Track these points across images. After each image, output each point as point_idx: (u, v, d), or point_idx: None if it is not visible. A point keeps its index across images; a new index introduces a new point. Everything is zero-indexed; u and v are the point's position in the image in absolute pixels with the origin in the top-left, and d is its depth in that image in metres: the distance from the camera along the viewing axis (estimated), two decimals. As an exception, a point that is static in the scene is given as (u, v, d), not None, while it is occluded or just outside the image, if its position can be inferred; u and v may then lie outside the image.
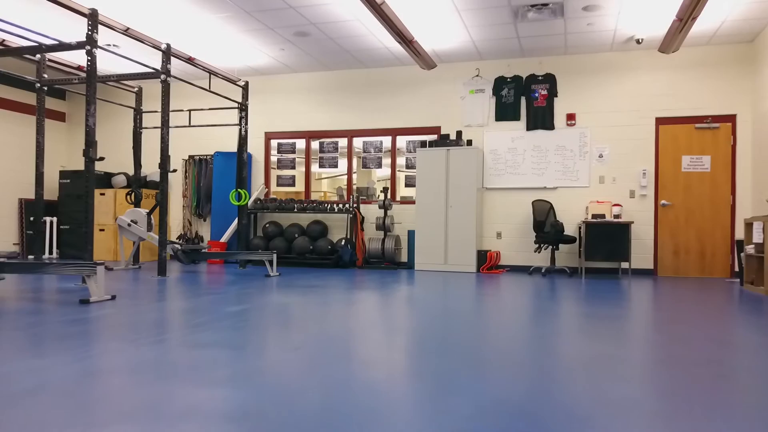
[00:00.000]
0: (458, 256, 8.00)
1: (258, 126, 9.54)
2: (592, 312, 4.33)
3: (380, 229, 8.54)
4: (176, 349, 2.86)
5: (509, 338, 3.28)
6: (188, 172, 9.77)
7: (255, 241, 8.94)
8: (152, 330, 3.37)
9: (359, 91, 9.08)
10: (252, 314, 4.00)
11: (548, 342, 3.19)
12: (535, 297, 5.24)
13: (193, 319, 3.75)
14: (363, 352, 2.87)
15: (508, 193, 8.39)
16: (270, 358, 2.71)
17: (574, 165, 8.13)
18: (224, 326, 3.52)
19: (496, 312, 4.24)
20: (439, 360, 2.73)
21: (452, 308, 4.44)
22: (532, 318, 4.03)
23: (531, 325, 3.75)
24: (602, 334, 3.45)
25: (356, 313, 4.16)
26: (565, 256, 8.15)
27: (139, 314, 3.94)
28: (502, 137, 8.42)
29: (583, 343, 3.15)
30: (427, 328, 3.59)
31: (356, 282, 6.40)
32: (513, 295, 5.30)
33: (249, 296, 4.98)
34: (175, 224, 9.92)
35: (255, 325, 3.57)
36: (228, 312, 4.07)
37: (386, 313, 4.15)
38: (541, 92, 8.27)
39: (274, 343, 3.05)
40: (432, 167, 8.16)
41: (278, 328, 3.51)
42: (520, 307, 4.52)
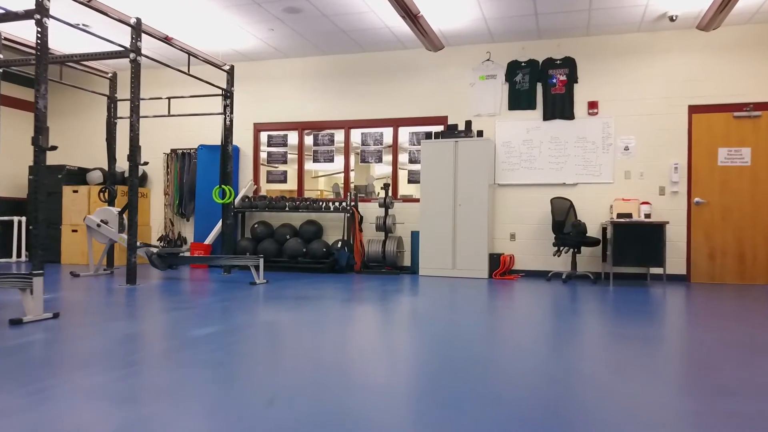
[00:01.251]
0: (468, 261, 7.17)
1: (246, 117, 8.69)
2: (632, 333, 3.50)
3: (380, 229, 7.71)
4: (73, 406, 2.03)
5: (536, 376, 2.45)
6: (170, 168, 8.92)
7: (242, 243, 8.10)
8: (70, 368, 2.53)
9: (357, 77, 8.24)
10: (220, 341, 3.16)
11: (587, 385, 2.36)
12: (559, 311, 4.41)
13: (137, 350, 2.92)
14: (357, 406, 2.03)
15: (522, 190, 7.56)
16: (224, 424, 1.88)
17: (597, 159, 7.30)
18: (175, 362, 2.69)
19: (517, 334, 3.42)
20: (453, 416, 1.89)
21: (464, 330, 3.60)
22: (561, 344, 3.19)
23: (562, 354, 2.91)
24: (652, 366, 2.62)
25: (352, 338, 3.32)
26: (586, 260, 7.32)
27: (71, 341, 3.10)
28: (516, 128, 7.59)
29: (628, 383, 2.32)
30: (438, 363, 2.76)
31: (354, 292, 5.56)
32: (533, 309, 4.48)
33: (224, 313, 4.14)
34: (156, 224, 9.07)
35: (218, 361, 2.73)
36: (190, 338, 3.24)
37: (388, 340, 3.32)
38: (560, 78, 7.44)
39: (238, 394, 2.21)
40: (438, 161, 7.32)
41: (249, 365, 2.67)
42: (545, 327, 3.69)
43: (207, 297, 4.96)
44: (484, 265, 7.12)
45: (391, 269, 7.64)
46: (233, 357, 2.76)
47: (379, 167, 11.93)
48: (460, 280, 6.82)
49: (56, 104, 9.67)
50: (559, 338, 3.34)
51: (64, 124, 9.62)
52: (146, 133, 9.12)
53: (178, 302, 4.62)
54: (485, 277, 7.11)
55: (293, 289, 5.63)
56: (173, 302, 4.61)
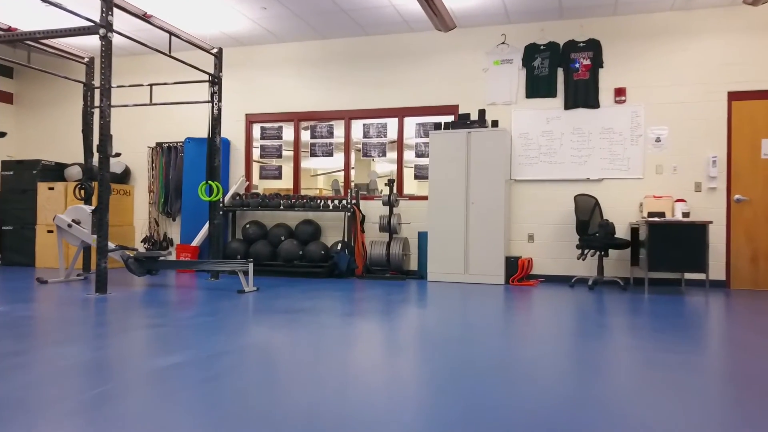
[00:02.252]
0: (482, 265, 6.45)
1: (237, 107, 7.97)
2: (689, 360, 2.78)
3: (384, 230, 6.99)
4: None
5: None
6: (155, 163, 8.20)
7: (232, 244, 7.38)
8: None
9: (359, 63, 7.52)
10: (184, 377, 2.44)
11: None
12: (596, 329, 3.69)
13: (65, 395, 2.20)
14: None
15: (541, 187, 6.84)
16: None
17: (624, 151, 6.58)
18: (115, 415, 1.97)
19: (546, 359, 2.71)
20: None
21: (486, 359, 2.89)
22: (613, 385, 2.48)
23: (615, 399, 2.20)
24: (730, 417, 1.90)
25: (354, 370, 2.60)
26: (613, 264, 6.60)
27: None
28: (534, 118, 6.87)
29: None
30: (459, 409, 2.04)
31: (355, 303, 4.85)
32: (561, 324, 3.76)
33: (200, 332, 3.42)
34: (140, 224, 8.34)
35: (170, 413, 2.01)
36: (148, 371, 2.52)
37: (396, 375, 2.60)
38: (583, 62, 6.72)
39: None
40: (448, 154, 6.60)
41: (216, 419, 1.95)
42: (580, 350, 2.98)
43: (184, 310, 4.24)
44: (500, 270, 6.41)
45: (396, 274, 6.92)
46: (195, 404, 2.04)
47: (382, 164, 11.21)
48: (473, 287, 6.10)
49: (30, 93, 8.94)
50: (609, 374, 2.62)
51: (40, 114, 8.90)
52: (129, 126, 8.41)
53: (149, 317, 3.90)
54: (501, 282, 6.40)
55: (286, 299, 4.91)
56: (142, 317, 3.90)
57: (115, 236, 7.95)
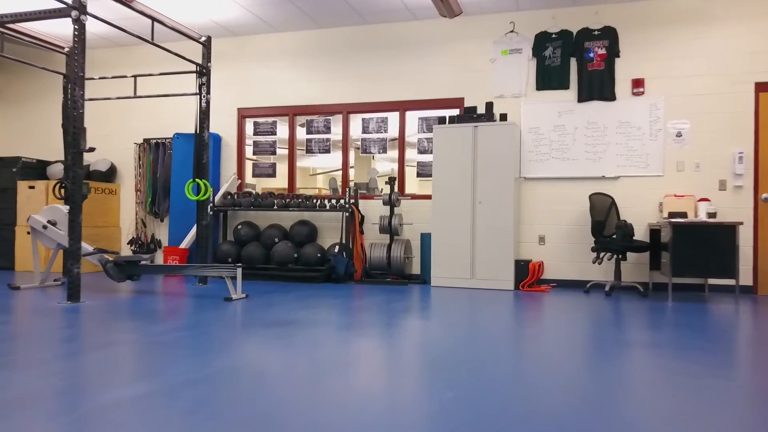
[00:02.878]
0: (490, 269, 6.00)
1: (229, 101, 7.52)
2: (741, 386, 2.34)
3: (385, 231, 6.54)
4: None
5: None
6: (142, 160, 7.75)
7: (223, 247, 6.93)
8: None
9: (358, 54, 7.07)
10: (142, 416, 1.99)
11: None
12: (619, 345, 3.23)
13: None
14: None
15: (553, 185, 6.39)
16: None
17: (643, 147, 6.13)
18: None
19: (570, 385, 2.26)
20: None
21: (498, 378, 2.44)
22: (641, 410, 2.03)
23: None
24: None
25: (351, 400, 2.16)
26: (630, 269, 6.15)
27: None
28: (545, 111, 6.42)
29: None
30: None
31: (353, 312, 4.40)
32: (582, 339, 3.31)
33: (174, 351, 2.98)
34: (126, 225, 7.89)
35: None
36: (100, 406, 2.07)
37: (400, 400, 2.15)
38: (598, 51, 6.26)
39: None
40: (453, 150, 6.15)
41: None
42: (609, 375, 2.53)
43: (161, 322, 3.79)
44: (509, 274, 5.96)
45: (397, 278, 6.47)
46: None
47: (383, 163, 10.76)
48: (480, 293, 5.65)
49: (9, 86, 8.49)
50: (644, 403, 2.17)
51: (20, 108, 8.44)
52: (115, 121, 7.96)
53: (119, 332, 3.45)
54: (510, 288, 5.94)
55: (277, 309, 4.45)
56: (112, 332, 3.45)
57: (100, 238, 7.51)
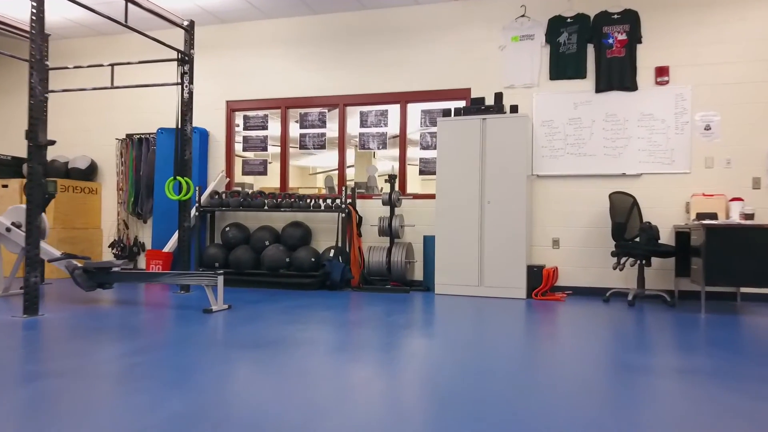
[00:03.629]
0: (499, 275, 5.47)
1: (217, 93, 6.99)
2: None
3: (384, 233, 6.01)
4: None
5: None
6: (125, 157, 7.22)
7: (210, 250, 6.40)
8: None
9: (356, 42, 6.53)
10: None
11: None
12: (661, 370, 2.69)
13: None
14: None
15: (568, 183, 5.85)
16: None
17: (667, 142, 5.59)
18: None
19: (606, 426, 1.73)
20: None
21: (518, 408, 1.90)
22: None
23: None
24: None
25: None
26: (653, 275, 5.61)
27: None
28: (560, 102, 5.88)
29: None
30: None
31: (348, 327, 3.86)
32: (613, 362, 2.77)
33: (122, 383, 2.44)
34: (108, 227, 7.37)
35: None
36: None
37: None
38: (618, 37, 5.72)
39: None
40: (459, 146, 5.62)
41: None
42: (647, 413, 1.99)
43: (119, 343, 3.25)
44: (520, 281, 5.42)
45: (398, 285, 5.93)
46: None
47: (383, 162, 10.23)
48: (489, 302, 5.12)
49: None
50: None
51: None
52: (96, 115, 7.44)
53: (63, 356, 2.92)
54: (522, 296, 5.41)
55: (261, 323, 3.92)
56: (55, 356, 2.92)
57: (79, 240, 6.99)
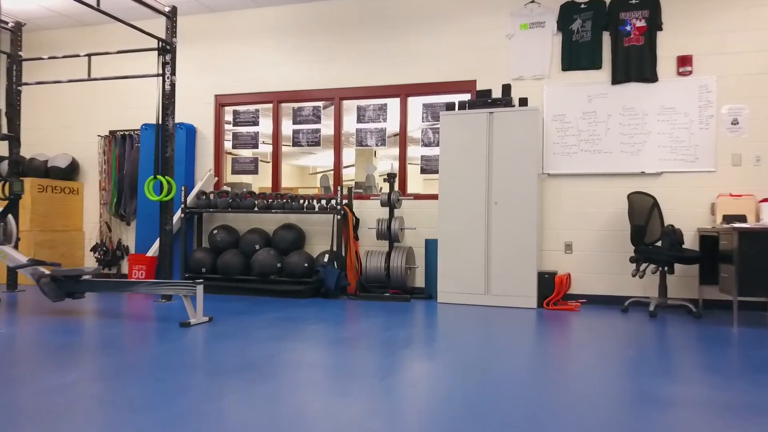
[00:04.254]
0: (508, 283, 5.02)
1: (205, 87, 6.56)
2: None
3: (383, 237, 5.58)
4: None
5: None
6: (108, 155, 6.80)
7: (197, 255, 5.97)
8: None
9: (352, 32, 6.09)
10: None
11: None
12: (699, 401, 2.25)
13: None
14: None
15: (582, 182, 5.40)
16: None
17: (691, 137, 5.14)
18: None
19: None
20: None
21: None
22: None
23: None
24: None
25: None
26: (675, 282, 5.16)
27: None
28: (573, 95, 5.43)
29: None
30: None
31: (341, 345, 3.42)
32: (637, 389, 2.33)
33: (60, 424, 2.01)
34: (90, 228, 6.94)
35: None
36: None
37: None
38: (636, 23, 5.27)
39: None
40: (464, 142, 5.18)
41: None
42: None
43: (69, 368, 2.82)
44: (530, 289, 4.98)
45: (397, 293, 5.50)
46: None
47: (385, 161, 9.79)
48: (497, 313, 4.68)
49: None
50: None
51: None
52: (77, 110, 7.01)
53: (3, 383, 2.49)
54: (533, 306, 4.97)
55: (243, 339, 3.48)
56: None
57: (59, 244, 6.57)
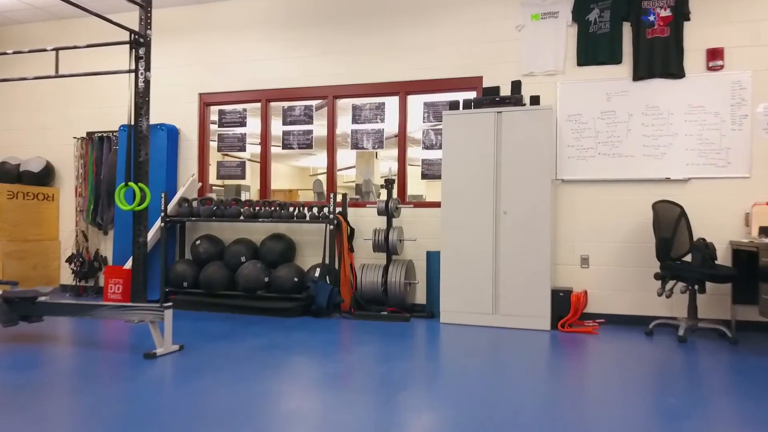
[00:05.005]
0: (518, 301, 4.51)
1: (189, 85, 6.06)
2: None
3: (381, 249, 5.07)
4: None
5: None
6: (85, 159, 6.31)
7: (178, 267, 5.48)
8: None
9: (347, 23, 5.58)
10: None
11: None
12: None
13: None
14: None
15: (600, 189, 4.88)
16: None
17: (722, 139, 4.62)
18: None
19: None
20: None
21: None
22: None
23: None
24: None
25: None
26: (704, 301, 4.64)
27: None
28: (589, 92, 4.91)
29: None
30: None
31: (329, 381, 2.91)
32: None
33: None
34: (66, 237, 6.46)
35: None
36: None
37: None
38: (660, 13, 4.75)
39: None
40: (470, 144, 4.66)
41: None
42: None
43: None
44: (543, 309, 4.46)
45: (396, 311, 4.98)
46: None
47: (385, 162, 9.27)
48: (507, 335, 4.17)
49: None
50: None
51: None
52: (52, 110, 6.53)
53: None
54: (546, 327, 4.45)
55: (212, 379, 2.98)
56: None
57: (32, 255, 6.08)
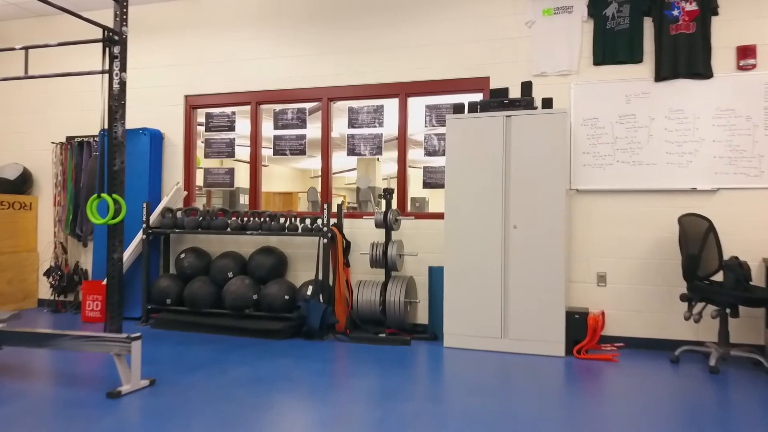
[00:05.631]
0: (530, 324, 4.09)
1: (174, 86, 5.67)
2: None
3: (379, 264, 4.65)
4: None
5: None
6: (64, 165, 5.92)
7: (161, 283, 5.08)
8: None
9: (343, 20, 5.18)
10: None
11: None
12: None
13: None
14: None
15: (618, 200, 4.46)
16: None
17: (754, 146, 4.19)
18: None
19: None
20: None
21: None
22: None
23: None
24: None
25: None
26: (734, 323, 4.21)
27: None
28: (607, 94, 4.49)
29: None
30: None
31: (319, 427, 2.50)
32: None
33: None
34: (44, 248, 6.06)
35: None
36: None
37: None
38: (686, 7, 4.33)
39: None
40: (476, 151, 4.25)
41: None
42: None
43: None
44: (557, 333, 4.04)
45: (396, 333, 4.57)
46: None
47: (387, 165, 8.86)
48: (517, 363, 3.76)
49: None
50: None
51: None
52: (30, 114, 6.14)
53: None
54: (561, 353, 4.03)
55: (183, 419, 2.57)
56: None
57: (7, 267, 5.70)
